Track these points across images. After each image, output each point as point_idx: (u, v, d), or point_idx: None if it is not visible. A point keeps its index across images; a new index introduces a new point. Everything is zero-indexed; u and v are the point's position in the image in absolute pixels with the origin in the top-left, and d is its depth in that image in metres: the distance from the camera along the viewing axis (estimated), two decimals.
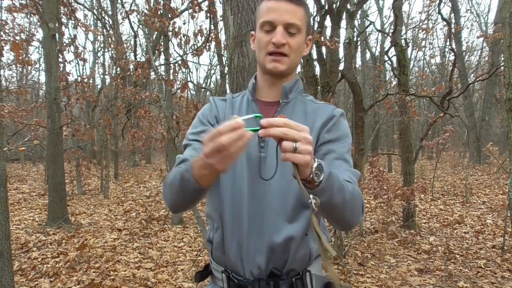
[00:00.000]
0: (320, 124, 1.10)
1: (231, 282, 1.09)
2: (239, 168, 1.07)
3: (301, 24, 1.07)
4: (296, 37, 1.07)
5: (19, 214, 7.03)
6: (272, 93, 1.15)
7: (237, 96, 1.22)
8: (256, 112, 1.10)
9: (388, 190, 4.98)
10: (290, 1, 1.06)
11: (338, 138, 1.09)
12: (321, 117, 1.11)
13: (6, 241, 2.63)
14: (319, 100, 1.25)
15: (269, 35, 1.06)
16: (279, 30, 1.04)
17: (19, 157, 17.15)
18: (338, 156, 1.06)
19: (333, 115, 1.12)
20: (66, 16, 7.82)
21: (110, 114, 10.61)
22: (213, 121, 1.15)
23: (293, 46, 1.07)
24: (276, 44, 1.05)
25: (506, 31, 2.71)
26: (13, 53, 11.87)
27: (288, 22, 1.05)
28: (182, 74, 17.00)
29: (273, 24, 1.05)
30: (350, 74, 4.52)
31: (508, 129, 2.76)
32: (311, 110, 1.14)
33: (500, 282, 3.78)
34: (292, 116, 0.99)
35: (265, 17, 1.06)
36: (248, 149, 1.04)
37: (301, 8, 1.08)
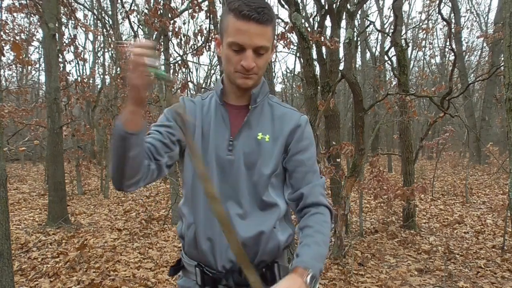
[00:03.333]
0: (288, 131, 1.16)
1: (205, 275, 1.14)
2: (210, 170, 1.12)
3: (269, 44, 1.10)
4: (264, 56, 1.10)
5: (19, 214, 7.03)
6: (240, 99, 1.19)
7: (206, 97, 1.24)
8: (225, 117, 1.16)
9: (388, 190, 4.98)
10: (259, 23, 1.06)
11: (306, 148, 1.18)
12: (288, 124, 1.17)
13: (6, 241, 2.63)
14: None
15: (238, 55, 1.08)
16: (249, 54, 1.07)
17: (19, 157, 17.15)
18: (309, 169, 1.16)
19: (299, 124, 1.18)
20: (66, 16, 7.83)
21: (110, 114, 10.60)
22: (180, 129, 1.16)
23: (261, 65, 1.11)
24: (246, 68, 1.08)
25: (506, 31, 2.71)
26: (13, 53, 11.86)
27: (258, 45, 1.07)
28: (182, 74, 16.99)
29: (243, 47, 1.07)
30: (350, 74, 4.52)
31: (508, 129, 2.76)
32: (278, 114, 1.19)
33: (500, 282, 3.78)
34: (260, 120, 1.16)
35: (235, 39, 1.06)
36: (217, 151, 1.14)
37: (269, 26, 1.09)
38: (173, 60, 7.31)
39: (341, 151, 5.12)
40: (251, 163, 1.14)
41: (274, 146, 1.15)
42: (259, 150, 1.14)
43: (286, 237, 1.18)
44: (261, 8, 1.06)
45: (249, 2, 1.06)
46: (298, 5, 5.01)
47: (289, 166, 1.16)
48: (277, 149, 1.15)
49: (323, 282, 3.74)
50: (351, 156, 5.07)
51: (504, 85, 2.77)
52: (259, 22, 1.06)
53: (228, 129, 1.16)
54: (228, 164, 1.14)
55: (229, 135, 1.15)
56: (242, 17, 1.05)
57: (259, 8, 1.06)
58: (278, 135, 1.16)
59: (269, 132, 1.16)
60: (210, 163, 1.14)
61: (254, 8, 1.05)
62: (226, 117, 1.17)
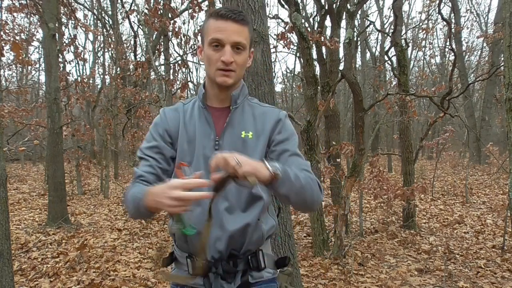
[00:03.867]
0: (269, 127, 1.26)
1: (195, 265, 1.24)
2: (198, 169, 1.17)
3: (246, 42, 1.21)
4: (242, 54, 1.21)
5: (19, 214, 7.03)
6: (222, 101, 1.28)
7: (188, 103, 1.33)
8: (209, 119, 1.25)
9: (388, 190, 4.98)
10: (236, 21, 1.18)
11: (288, 138, 1.26)
12: (269, 121, 1.27)
13: (6, 241, 2.63)
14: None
15: (218, 52, 1.19)
16: (227, 49, 1.18)
17: (19, 157, 17.15)
18: (292, 153, 1.24)
19: (279, 119, 1.28)
20: (66, 16, 7.83)
21: (110, 114, 10.60)
22: (164, 135, 1.27)
23: (239, 62, 1.21)
24: (225, 62, 1.18)
25: (506, 31, 2.71)
26: (13, 53, 11.86)
27: (235, 41, 1.18)
28: (182, 74, 16.99)
29: (222, 43, 1.18)
30: (350, 74, 4.52)
31: (508, 129, 2.76)
32: (259, 113, 1.29)
33: (500, 282, 3.78)
34: (242, 119, 1.26)
35: (214, 35, 1.18)
36: (204, 151, 1.23)
37: (246, 27, 1.21)
38: (173, 60, 7.30)
39: (341, 151, 5.12)
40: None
41: (258, 142, 1.24)
42: (243, 147, 1.22)
43: (269, 227, 1.28)
44: (237, 11, 1.20)
45: (226, 7, 1.21)
46: (298, 5, 5.01)
47: (274, 155, 1.24)
48: (261, 144, 1.24)
49: (323, 282, 3.74)
50: (351, 156, 5.07)
51: (504, 85, 2.77)
52: (235, 21, 1.18)
53: (213, 130, 1.25)
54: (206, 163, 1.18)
55: (214, 135, 1.24)
56: (221, 17, 1.18)
57: (235, 10, 1.20)
58: (261, 132, 1.25)
59: (252, 129, 1.25)
60: (198, 163, 1.22)
61: (231, 10, 1.19)
62: (209, 119, 1.25)
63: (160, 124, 1.29)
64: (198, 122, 1.25)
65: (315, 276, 3.89)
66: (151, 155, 1.25)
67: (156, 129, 1.28)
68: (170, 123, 1.27)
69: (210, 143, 1.23)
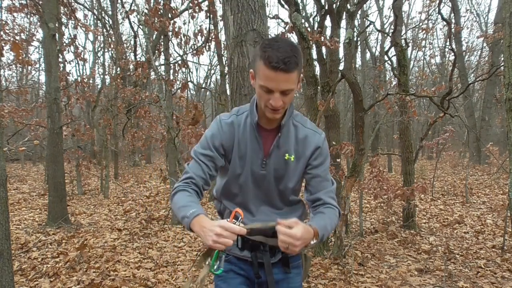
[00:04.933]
0: (309, 153, 1.44)
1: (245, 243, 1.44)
2: (246, 182, 1.45)
3: (293, 84, 1.29)
4: (290, 94, 1.31)
5: (19, 214, 7.03)
6: (271, 124, 1.43)
7: (240, 114, 1.46)
8: (259, 139, 1.42)
9: (388, 190, 4.98)
10: (285, 72, 1.24)
11: (322, 163, 1.46)
12: (309, 147, 1.44)
13: (6, 241, 2.63)
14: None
15: (267, 95, 1.29)
16: (277, 96, 1.28)
17: (19, 157, 17.15)
18: (323, 179, 1.46)
19: (318, 146, 1.44)
20: (66, 16, 7.82)
21: (110, 114, 10.60)
22: (220, 148, 1.43)
23: (287, 101, 1.32)
24: (274, 107, 1.30)
25: (506, 31, 2.71)
26: (13, 53, 11.85)
27: (284, 89, 1.27)
28: (182, 74, 17.00)
29: (271, 90, 1.27)
30: (350, 74, 4.52)
31: (508, 129, 2.76)
32: (302, 137, 1.44)
33: (500, 282, 3.78)
34: (286, 141, 1.42)
35: (264, 83, 1.27)
36: (252, 167, 1.44)
37: (294, 72, 1.27)
38: (173, 60, 7.30)
39: (341, 151, 5.12)
40: (279, 177, 1.45)
41: (297, 165, 1.44)
42: (285, 168, 1.44)
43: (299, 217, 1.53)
44: (287, 58, 1.24)
45: (278, 51, 1.24)
46: (298, 5, 5.02)
47: (308, 177, 1.47)
48: (300, 167, 1.45)
49: (323, 282, 3.74)
50: (351, 156, 5.07)
51: (504, 85, 2.77)
52: (285, 71, 1.24)
53: (261, 150, 1.43)
54: (261, 177, 1.45)
55: (262, 155, 1.43)
56: (271, 68, 1.24)
57: (286, 58, 1.23)
58: (301, 156, 1.44)
59: (294, 153, 1.43)
60: (246, 176, 1.45)
61: (282, 60, 1.23)
62: (260, 139, 1.42)
63: (217, 136, 1.42)
64: (250, 141, 1.42)
65: (315, 276, 3.89)
66: (204, 161, 1.41)
67: (212, 140, 1.42)
68: (226, 138, 1.43)
69: (258, 161, 1.43)
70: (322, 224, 1.34)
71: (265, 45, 1.29)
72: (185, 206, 1.30)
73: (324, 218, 1.39)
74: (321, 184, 1.45)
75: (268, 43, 1.29)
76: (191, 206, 1.28)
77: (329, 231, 1.37)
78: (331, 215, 1.41)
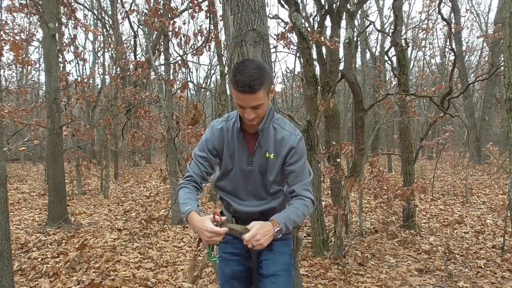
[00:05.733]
0: (285, 153, 1.71)
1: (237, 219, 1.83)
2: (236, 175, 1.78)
3: (261, 100, 1.56)
4: (261, 107, 1.59)
5: (19, 214, 7.03)
6: (252, 128, 1.72)
7: (230, 120, 1.76)
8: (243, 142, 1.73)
9: (388, 190, 4.98)
10: (251, 93, 1.51)
11: (297, 160, 1.71)
12: (285, 147, 1.70)
13: (6, 241, 2.63)
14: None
15: (242, 109, 1.59)
16: (248, 111, 1.58)
17: (19, 157, 17.15)
18: (298, 174, 1.72)
19: (293, 146, 1.70)
20: (66, 16, 7.82)
21: (110, 114, 10.60)
22: (213, 150, 1.76)
23: (260, 113, 1.61)
24: (247, 119, 1.61)
25: (506, 31, 2.71)
26: (13, 53, 11.86)
27: (253, 105, 1.56)
28: (182, 74, 16.99)
29: (243, 107, 1.57)
30: (350, 74, 4.52)
31: (508, 129, 2.76)
32: (279, 138, 1.71)
33: (500, 282, 3.78)
34: (267, 142, 1.71)
35: (236, 101, 1.58)
36: (241, 164, 1.75)
37: (260, 91, 1.53)
38: (173, 60, 7.30)
39: (341, 151, 5.12)
40: (262, 172, 1.74)
41: (277, 161, 1.72)
42: (267, 164, 1.73)
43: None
44: (252, 81, 1.50)
45: (243, 75, 1.50)
46: (298, 5, 5.02)
47: (285, 172, 1.74)
48: (278, 163, 1.72)
49: (323, 282, 3.74)
50: (351, 156, 5.07)
51: (504, 85, 2.77)
52: (251, 93, 1.51)
53: (246, 150, 1.74)
54: (248, 172, 1.76)
55: (247, 154, 1.74)
56: (239, 91, 1.52)
57: (251, 82, 1.50)
58: (279, 154, 1.72)
59: (273, 152, 1.71)
60: (236, 171, 1.76)
61: (247, 84, 1.49)
62: (244, 142, 1.73)
63: (210, 140, 1.75)
64: (236, 143, 1.74)
65: (315, 276, 3.89)
66: (201, 162, 1.76)
67: (207, 144, 1.76)
68: (217, 141, 1.75)
69: (245, 159, 1.74)
70: (283, 215, 1.62)
71: (234, 69, 1.55)
72: (183, 203, 1.64)
73: (289, 209, 1.67)
74: (297, 178, 1.71)
75: (236, 67, 1.55)
76: (187, 203, 1.63)
77: (296, 219, 1.64)
78: (297, 205, 1.67)
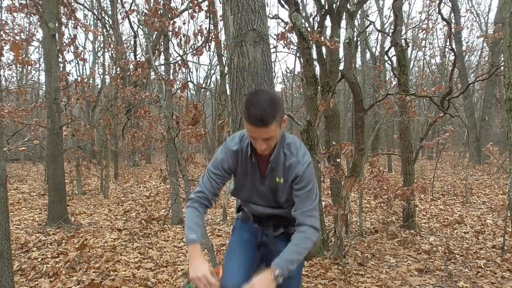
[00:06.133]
0: (291, 180, 1.77)
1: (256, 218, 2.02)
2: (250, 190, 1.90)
3: (273, 133, 1.61)
4: (272, 139, 1.65)
5: (19, 214, 7.03)
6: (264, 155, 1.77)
7: (244, 140, 1.81)
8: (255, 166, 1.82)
9: (388, 190, 4.98)
10: (263, 126, 1.57)
11: (303, 187, 1.76)
12: (292, 174, 1.76)
13: (6, 241, 2.63)
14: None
15: (254, 139, 1.67)
16: (260, 142, 1.65)
17: (19, 157, 17.14)
18: (302, 199, 1.77)
19: (298, 175, 1.75)
20: (66, 16, 7.82)
21: (110, 114, 10.60)
22: (228, 169, 1.83)
23: (271, 143, 1.68)
24: (259, 150, 1.68)
25: (506, 31, 2.71)
26: (13, 53, 11.86)
27: (265, 138, 1.62)
28: (182, 74, 17.00)
29: (255, 138, 1.64)
30: (350, 74, 4.52)
31: (508, 129, 2.76)
32: (288, 165, 1.77)
33: (500, 282, 3.78)
34: (277, 168, 1.78)
35: (248, 133, 1.67)
36: (254, 183, 1.86)
37: (272, 125, 1.57)
38: (173, 60, 7.30)
39: (341, 151, 5.12)
40: (274, 192, 1.85)
41: (285, 186, 1.80)
42: (277, 186, 1.82)
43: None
44: (264, 115, 1.54)
45: (256, 108, 1.55)
46: (298, 5, 5.02)
47: (292, 196, 1.80)
48: (287, 188, 1.81)
49: (323, 282, 3.74)
50: (351, 156, 5.07)
51: (504, 85, 2.77)
52: (263, 127, 1.57)
53: (258, 172, 1.84)
54: (261, 190, 1.87)
55: (259, 176, 1.84)
56: (251, 124, 1.57)
57: (263, 115, 1.54)
58: (287, 180, 1.79)
59: (282, 177, 1.79)
60: (250, 187, 1.88)
61: (259, 118, 1.54)
62: (256, 165, 1.82)
63: (225, 160, 1.82)
64: (249, 164, 1.82)
65: (315, 276, 3.89)
66: (214, 179, 1.82)
67: (222, 163, 1.82)
68: (232, 162, 1.82)
69: (257, 180, 1.85)
70: (283, 258, 1.66)
71: (246, 100, 1.60)
72: (190, 227, 1.72)
73: (289, 248, 1.70)
74: (301, 203, 1.77)
75: (249, 98, 1.59)
76: (193, 230, 1.71)
77: (297, 256, 1.69)
78: (298, 240, 1.71)
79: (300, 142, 1.84)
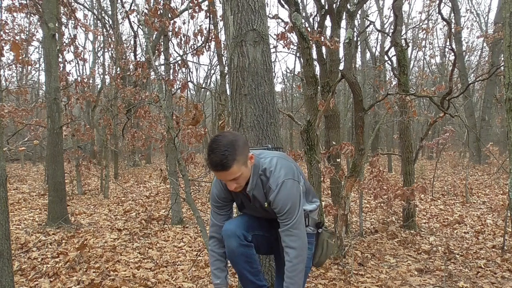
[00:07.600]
0: (269, 202, 1.90)
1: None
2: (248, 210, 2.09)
3: (237, 173, 1.74)
4: (240, 177, 1.78)
5: (19, 214, 7.03)
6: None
7: None
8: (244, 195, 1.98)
9: (388, 190, 4.98)
10: (223, 171, 1.71)
11: (280, 210, 1.87)
12: (267, 199, 1.91)
13: (6, 241, 2.63)
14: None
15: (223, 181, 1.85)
16: (228, 183, 1.81)
17: (19, 157, 17.14)
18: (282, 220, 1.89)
19: (270, 201, 1.89)
20: (66, 16, 7.82)
21: (110, 114, 10.61)
22: (225, 198, 2.04)
23: (241, 181, 1.81)
24: (231, 189, 1.85)
25: (506, 31, 2.71)
26: (13, 53, 11.86)
27: (229, 179, 1.77)
28: (182, 74, 17.00)
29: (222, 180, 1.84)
30: (350, 74, 4.51)
31: (508, 129, 2.76)
32: (265, 190, 1.90)
33: (500, 282, 3.78)
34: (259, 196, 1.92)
35: (216, 176, 1.85)
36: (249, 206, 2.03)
37: (232, 167, 1.70)
38: (173, 60, 7.30)
39: (341, 151, 5.11)
40: (268, 211, 1.96)
41: (269, 208, 1.93)
42: (265, 209, 1.97)
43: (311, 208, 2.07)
44: (223, 159, 1.67)
45: (214, 156, 1.68)
46: (298, 5, 5.02)
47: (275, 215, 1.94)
48: (271, 209, 1.93)
49: (323, 282, 3.74)
50: (351, 156, 5.06)
51: (504, 85, 2.77)
52: (224, 170, 1.70)
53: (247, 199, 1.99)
54: (256, 210, 2.03)
55: (250, 202, 2.00)
56: (212, 170, 1.74)
57: (222, 161, 1.67)
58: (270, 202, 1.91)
59: (266, 201, 1.93)
60: (246, 208, 2.07)
61: (218, 162, 1.68)
62: (243, 195, 1.99)
63: (221, 192, 2.01)
64: (241, 195, 2.00)
65: (315, 276, 3.89)
66: (219, 211, 2.07)
67: (218, 195, 2.03)
68: (224, 192, 2.01)
69: (249, 204, 2.01)
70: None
71: (208, 147, 1.73)
72: (213, 273, 2.04)
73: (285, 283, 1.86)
74: (281, 222, 1.90)
75: (210, 145, 1.72)
76: (215, 275, 2.02)
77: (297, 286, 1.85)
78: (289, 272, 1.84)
79: (276, 162, 1.89)
